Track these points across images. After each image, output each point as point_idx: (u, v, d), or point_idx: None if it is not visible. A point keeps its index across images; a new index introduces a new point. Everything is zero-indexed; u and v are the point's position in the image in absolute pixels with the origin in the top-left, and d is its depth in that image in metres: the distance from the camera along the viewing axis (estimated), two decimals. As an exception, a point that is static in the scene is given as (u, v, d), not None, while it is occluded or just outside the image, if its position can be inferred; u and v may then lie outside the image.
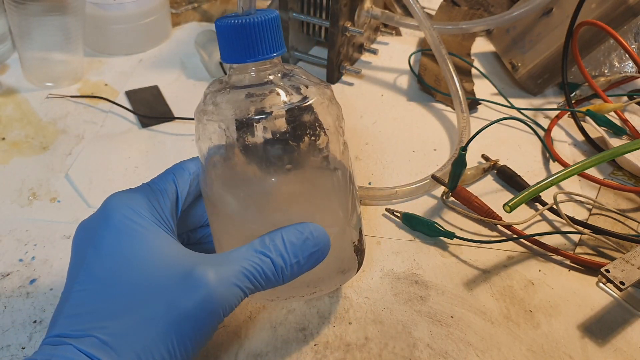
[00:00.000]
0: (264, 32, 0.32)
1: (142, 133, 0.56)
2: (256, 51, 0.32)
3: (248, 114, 0.32)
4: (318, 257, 0.32)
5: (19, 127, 0.56)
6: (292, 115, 0.32)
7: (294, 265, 0.32)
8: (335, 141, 0.34)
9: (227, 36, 0.32)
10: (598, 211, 0.49)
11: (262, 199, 0.33)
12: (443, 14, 0.75)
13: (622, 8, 0.58)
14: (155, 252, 0.30)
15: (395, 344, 0.38)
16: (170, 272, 0.29)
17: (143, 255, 0.30)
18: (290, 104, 0.32)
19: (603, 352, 0.39)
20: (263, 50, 0.32)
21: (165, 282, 0.29)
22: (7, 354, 0.37)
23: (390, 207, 0.49)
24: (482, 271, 0.44)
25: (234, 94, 0.33)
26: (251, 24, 0.32)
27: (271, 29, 0.32)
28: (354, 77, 0.66)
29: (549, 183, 0.42)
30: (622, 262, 0.40)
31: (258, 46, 0.32)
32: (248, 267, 0.30)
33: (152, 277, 0.29)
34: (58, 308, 0.30)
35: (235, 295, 0.30)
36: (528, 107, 0.62)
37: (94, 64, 0.65)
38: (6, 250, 0.44)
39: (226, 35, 0.32)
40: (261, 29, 0.32)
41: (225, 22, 0.32)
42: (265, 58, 0.33)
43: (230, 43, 0.32)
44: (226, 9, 0.77)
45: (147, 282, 0.29)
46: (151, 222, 0.32)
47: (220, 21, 0.32)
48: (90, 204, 0.48)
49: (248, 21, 0.32)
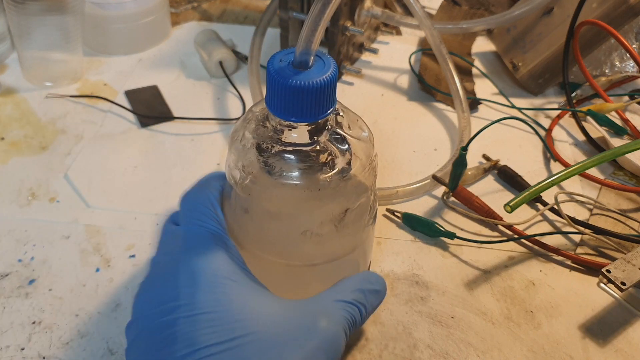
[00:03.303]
0: (321, 96, 0.28)
1: (141, 133, 0.56)
2: (308, 113, 0.29)
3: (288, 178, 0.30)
4: (378, 304, 0.34)
5: (18, 126, 0.56)
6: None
7: (370, 312, 0.33)
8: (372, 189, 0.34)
9: (278, 90, 0.28)
10: (599, 211, 0.49)
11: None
12: (443, 14, 0.75)
13: (623, 7, 0.57)
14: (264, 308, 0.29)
15: (396, 344, 0.38)
16: (292, 324, 0.29)
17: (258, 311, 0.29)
18: (335, 175, 0.30)
19: (604, 353, 0.39)
20: (316, 113, 0.29)
21: (293, 335, 0.28)
22: (6, 354, 0.37)
23: (390, 207, 0.49)
24: (483, 271, 0.44)
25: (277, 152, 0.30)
26: (307, 88, 0.28)
27: (329, 91, 0.29)
28: (354, 76, 0.66)
29: (550, 183, 0.42)
30: (623, 262, 0.40)
31: (312, 108, 0.29)
32: (348, 315, 0.31)
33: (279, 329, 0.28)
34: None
35: (344, 341, 0.30)
36: (529, 106, 0.62)
37: (93, 64, 0.65)
38: (5, 250, 0.44)
39: (277, 89, 0.28)
40: (318, 92, 0.28)
41: (279, 74, 0.28)
42: (316, 120, 0.30)
43: (280, 98, 0.29)
44: (226, 8, 0.77)
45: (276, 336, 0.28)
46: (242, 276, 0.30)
47: (275, 69, 0.28)
48: (89, 204, 0.48)
49: (303, 85, 0.28)
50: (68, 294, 0.41)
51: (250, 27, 0.71)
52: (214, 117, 0.58)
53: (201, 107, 0.60)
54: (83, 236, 0.45)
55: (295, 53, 0.29)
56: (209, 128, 0.57)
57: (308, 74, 0.28)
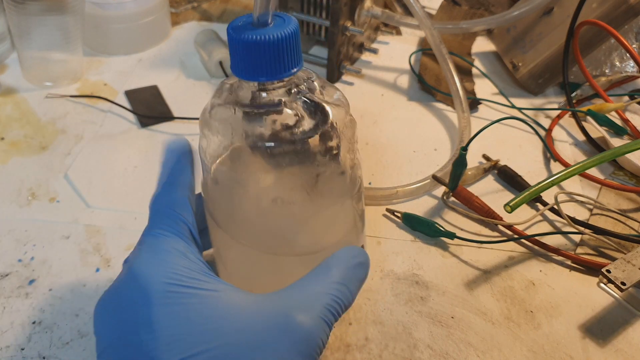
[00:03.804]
0: (282, 51, 0.28)
1: (141, 133, 0.56)
2: (270, 71, 0.29)
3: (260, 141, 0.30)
4: (365, 277, 0.32)
5: (18, 126, 0.56)
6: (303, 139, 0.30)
7: (357, 289, 0.31)
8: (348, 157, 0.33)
9: (238, 49, 0.29)
10: (599, 211, 0.49)
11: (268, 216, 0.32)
12: (443, 14, 0.75)
13: (623, 7, 0.57)
14: (231, 312, 0.28)
15: (396, 344, 0.38)
16: (263, 327, 0.27)
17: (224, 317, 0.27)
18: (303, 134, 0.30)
19: (604, 353, 0.39)
20: (278, 69, 0.29)
21: (265, 337, 0.27)
22: (6, 354, 0.37)
23: (390, 207, 0.49)
24: (483, 271, 0.44)
25: (240, 113, 0.30)
26: (266, 43, 0.28)
27: (289, 46, 0.28)
28: (354, 76, 0.66)
29: (550, 183, 0.42)
30: (623, 262, 0.40)
31: (273, 65, 0.28)
32: (330, 301, 0.29)
33: (249, 334, 0.27)
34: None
35: (326, 333, 0.29)
36: (529, 106, 0.62)
37: (93, 64, 0.65)
38: (5, 250, 0.44)
39: (237, 48, 0.29)
40: (278, 47, 0.28)
41: (237, 34, 0.28)
42: (280, 77, 0.29)
43: (241, 57, 0.29)
44: (226, 8, 0.77)
45: (246, 341, 0.27)
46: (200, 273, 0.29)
47: (233, 29, 0.29)
48: (89, 204, 0.48)
49: (262, 38, 0.28)
50: (68, 294, 0.41)
51: (250, 27, 0.71)
52: (214, 117, 0.58)
53: (201, 107, 0.58)
54: (83, 236, 0.45)
55: (254, 13, 0.28)
56: (209, 128, 0.57)
57: (268, 30, 0.28)
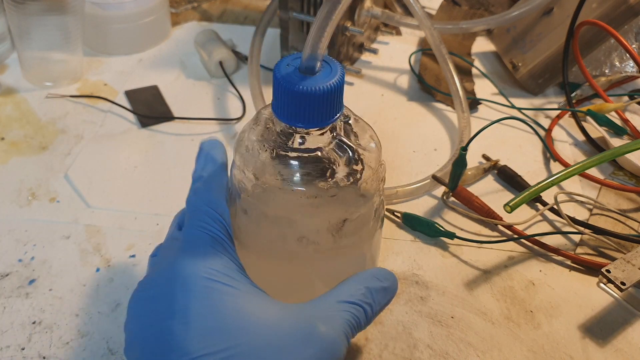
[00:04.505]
0: (327, 101, 0.28)
1: (141, 133, 0.56)
2: (313, 120, 0.29)
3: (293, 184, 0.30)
4: (389, 302, 0.34)
5: (18, 126, 0.56)
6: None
7: (378, 311, 0.33)
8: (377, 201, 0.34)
9: (283, 96, 0.28)
10: (599, 211, 0.49)
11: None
12: (443, 14, 0.75)
13: (623, 8, 0.57)
14: (260, 315, 0.28)
15: (396, 344, 0.38)
16: (288, 332, 0.28)
17: (254, 317, 0.28)
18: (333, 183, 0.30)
19: (604, 353, 0.39)
20: (322, 118, 0.29)
21: (290, 343, 0.28)
22: (6, 354, 0.37)
23: (390, 207, 0.49)
24: (483, 271, 0.44)
25: (276, 153, 0.30)
26: (312, 94, 0.28)
27: (335, 96, 0.28)
28: (354, 76, 0.66)
29: (550, 183, 0.42)
30: (623, 262, 0.40)
31: (316, 114, 0.29)
32: (350, 318, 0.30)
33: (274, 338, 0.28)
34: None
35: (345, 346, 0.30)
36: (529, 106, 0.62)
37: (93, 64, 0.65)
38: (5, 250, 0.44)
39: (283, 95, 0.28)
40: (323, 98, 0.28)
41: (285, 80, 0.28)
42: (322, 125, 0.29)
43: (286, 103, 0.29)
44: (226, 8, 0.77)
45: (271, 344, 0.28)
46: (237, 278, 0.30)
47: (281, 74, 0.28)
48: (89, 204, 0.48)
49: (309, 90, 0.27)
50: (68, 294, 0.41)
51: (251, 27, 0.71)
52: (214, 117, 0.58)
53: (201, 107, 0.60)
54: (83, 236, 0.45)
55: (302, 58, 0.29)
56: (209, 128, 0.57)
57: (315, 80, 0.28)
